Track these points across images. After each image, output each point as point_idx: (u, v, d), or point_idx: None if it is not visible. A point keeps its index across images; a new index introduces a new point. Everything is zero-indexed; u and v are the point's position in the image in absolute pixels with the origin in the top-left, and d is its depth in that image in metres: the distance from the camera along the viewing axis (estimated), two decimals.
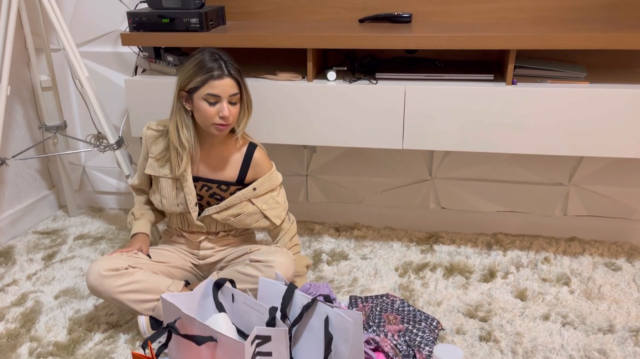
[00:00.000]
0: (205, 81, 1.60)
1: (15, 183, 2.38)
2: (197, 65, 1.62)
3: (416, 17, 2.06)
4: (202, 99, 1.62)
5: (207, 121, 1.64)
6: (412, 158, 2.26)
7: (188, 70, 1.63)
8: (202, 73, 1.60)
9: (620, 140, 1.73)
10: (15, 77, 2.32)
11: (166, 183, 1.75)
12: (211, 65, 1.60)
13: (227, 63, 1.62)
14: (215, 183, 1.76)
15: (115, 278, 1.61)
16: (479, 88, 1.75)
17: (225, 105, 1.62)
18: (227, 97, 1.61)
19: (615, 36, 1.64)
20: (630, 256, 2.09)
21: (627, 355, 1.58)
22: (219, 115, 1.62)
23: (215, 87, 1.60)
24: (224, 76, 1.60)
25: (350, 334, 1.31)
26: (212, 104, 1.62)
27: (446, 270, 2.03)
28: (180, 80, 1.65)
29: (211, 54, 1.63)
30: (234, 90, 1.62)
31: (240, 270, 1.72)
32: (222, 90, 1.60)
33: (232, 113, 1.64)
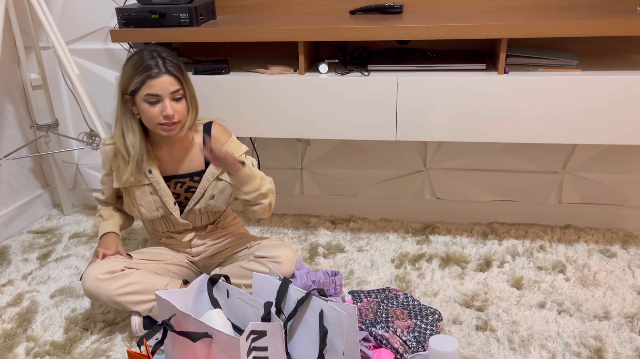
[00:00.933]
0: (143, 81, 1.55)
1: (8, 182, 2.37)
2: (134, 65, 1.57)
3: (407, 7, 2.05)
4: (143, 100, 1.57)
5: (152, 122, 1.59)
6: (406, 149, 2.26)
7: (126, 72, 1.58)
8: (139, 73, 1.55)
9: (613, 126, 1.73)
10: (5, 76, 2.31)
11: (139, 191, 1.72)
12: (148, 64, 1.55)
13: (165, 60, 1.56)
14: (187, 176, 1.74)
15: (112, 281, 1.60)
16: (471, 78, 1.74)
17: (168, 103, 1.56)
18: (167, 95, 1.56)
19: (606, 23, 1.63)
20: (625, 243, 2.10)
21: (622, 341, 1.58)
22: (162, 114, 1.57)
23: (154, 86, 1.55)
24: (161, 74, 1.55)
25: (345, 328, 1.31)
26: (153, 104, 1.57)
27: (442, 260, 2.03)
28: (121, 83, 1.60)
29: (149, 52, 1.58)
30: (174, 87, 1.57)
31: (246, 266, 1.72)
32: (162, 89, 1.55)
33: (177, 111, 1.59)
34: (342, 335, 1.32)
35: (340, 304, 1.33)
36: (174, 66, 1.58)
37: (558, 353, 1.54)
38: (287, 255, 1.70)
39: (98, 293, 1.60)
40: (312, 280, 1.69)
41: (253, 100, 1.88)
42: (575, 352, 1.55)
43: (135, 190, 1.72)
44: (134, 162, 1.66)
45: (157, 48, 1.60)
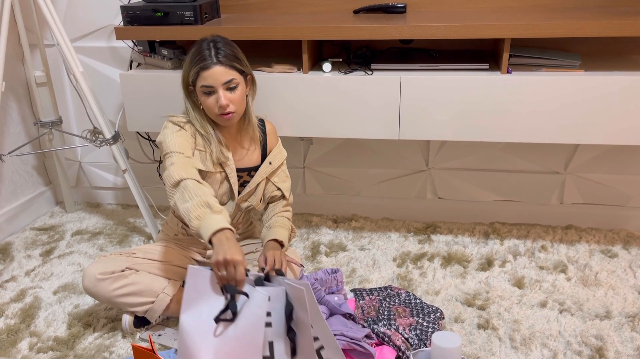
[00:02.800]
0: (197, 73, 1.57)
1: (11, 179, 2.37)
2: (190, 57, 1.60)
3: (411, 7, 2.06)
4: (200, 92, 1.60)
5: (210, 113, 1.62)
6: (409, 148, 2.26)
7: (186, 64, 1.61)
8: (194, 65, 1.58)
9: (615, 127, 1.73)
10: (10, 73, 2.31)
11: (212, 178, 1.69)
12: (202, 56, 1.57)
13: (218, 50, 1.57)
14: (245, 171, 1.75)
15: (109, 282, 1.60)
16: (474, 77, 1.75)
17: (222, 93, 1.57)
18: (220, 85, 1.57)
19: (609, 23, 1.64)
20: (626, 243, 2.10)
21: (623, 340, 1.59)
22: (217, 105, 1.59)
23: (206, 77, 1.56)
24: (212, 65, 1.56)
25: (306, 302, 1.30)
26: (208, 94, 1.59)
27: (444, 259, 2.04)
28: (183, 76, 1.63)
29: (207, 42, 1.59)
30: (227, 77, 1.57)
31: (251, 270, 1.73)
32: (214, 80, 1.56)
33: (232, 100, 1.59)
34: (305, 310, 1.30)
35: (296, 281, 1.33)
36: (226, 56, 1.57)
37: (559, 351, 1.55)
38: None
39: (95, 291, 1.60)
40: (315, 278, 1.69)
41: (256, 98, 1.89)
42: (577, 351, 1.55)
43: (208, 175, 1.68)
44: (215, 140, 1.65)
45: (215, 37, 1.61)
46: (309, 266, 2.03)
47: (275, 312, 1.35)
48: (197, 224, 1.39)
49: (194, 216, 1.40)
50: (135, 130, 2.03)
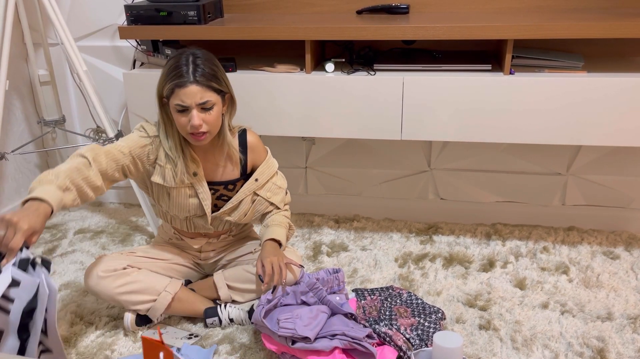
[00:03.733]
0: (172, 89, 1.49)
1: (14, 178, 2.38)
2: (169, 69, 1.51)
3: (414, 7, 2.06)
4: (174, 108, 1.52)
5: (182, 131, 1.55)
6: (411, 149, 2.27)
7: (162, 76, 1.53)
8: (170, 80, 1.49)
9: (618, 128, 1.73)
10: (14, 72, 2.32)
11: (177, 192, 1.65)
12: (178, 72, 1.48)
13: (196, 67, 1.49)
14: (222, 184, 1.70)
15: (112, 279, 1.60)
16: (477, 78, 1.75)
17: (195, 113, 1.49)
18: (195, 105, 1.49)
19: (612, 25, 1.64)
20: (628, 245, 2.10)
21: (625, 342, 1.59)
22: (189, 124, 1.51)
23: (181, 96, 1.48)
24: (188, 83, 1.47)
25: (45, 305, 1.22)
26: (181, 112, 1.51)
27: (445, 260, 2.04)
28: (157, 86, 1.56)
29: (185, 58, 1.50)
30: (203, 98, 1.49)
31: (250, 270, 1.73)
32: (189, 100, 1.48)
33: (206, 121, 1.52)
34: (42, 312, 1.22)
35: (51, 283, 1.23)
36: (204, 74, 1.49)
37: (561, 352, 1.55)
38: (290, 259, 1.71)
39: (98, 289, 1.61)
40: (316, 277, 1.70)
41: (259, 98, 1.89)
42: (578, 352, 1.55)
43: (172, 190, 1.65)
44: (181, 163, 1.61)
45: (195, 51, 1.53)
46: (310, 266, 2.03)
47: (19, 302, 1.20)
48: (32, 186, 1.33)
49: (37, 179, 1.34)
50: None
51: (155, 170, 1.64)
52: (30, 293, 1.23)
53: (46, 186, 1.31)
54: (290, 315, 1.54)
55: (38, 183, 1.33)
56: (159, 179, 1.63)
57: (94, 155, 1.47)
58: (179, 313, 1.72)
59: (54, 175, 1.36)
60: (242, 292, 1.74)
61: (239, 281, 1.74)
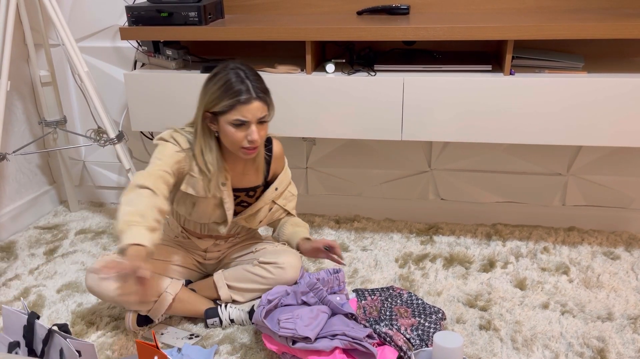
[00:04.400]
0: (232, 106, 1.50)
1: (16, 178, 2.39)
2: (222, 87, 1.52)
3: (414, 8, 2.06)
4: (229, 123, 1.53)
5: (234, 145, 1.56)
6: (411, 149, 2.27)
7: (213, 92, 1.53)
8: (229, 97, 1.50)
9: (618, 129, 1.74)
10: (15, 72, 2.33)
11: (204, 201, 1.66)
12: (238, 88, 1.50)
13: (253, 84, 1.52)
14: (243, 191, 1.72)
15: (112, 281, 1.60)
16: (477, 79, 1.75)
17: (254, 128, 1.53)
18: (255, 120, 1.53)
19: (612, 25, 1.64)
20: (628, 245, 2.10)
21: (625, 342, 1.59)
22: (247, 139, 1.54)
23: (243, 112, 1.50)
24: (253, 100, 1.50)
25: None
26: (239, 127, 1.53)
27: (446, 260, 2.04)
28: (205, 102, 1.55)
29: (236, 74, 1.52)
30: (263, 113, 1.54)
31: (250, 269, 1.73)
32: (252, 115, 1.51)
33: (261, 136, 1.56)
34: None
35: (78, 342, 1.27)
36: (263, 90, 1.54)
37: (561, 352, 1.55)
38: (291, 261, 1.72)
39: (99, 290, 1.62)
40: (317, 277, 1.70)
41: None
42: (578, 352, 1.55)
43: (200, 199, 1.65)
44: (216, 178, 1.62)
45: (242, 67, 1.54)
46: (310, 266, 2.03)
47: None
48: (120, 227, 1.36)
49: (124, 221, 1.37)
50: (139, 129, 2.04)
51: (186, 179, 1.64)
52: None
53: (136, 229, 1.35)
54: (290, 315, 1.55)
55: (126, 226, 1.35)
56: (190, 190, 1.64)
57: (153, 184, 1.48)
58: (180, 314, 1.72)
59: (139, 216, 1.38)
60: (242, 292, 1.74)
61: (239, 281, 1.74)
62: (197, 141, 1.60)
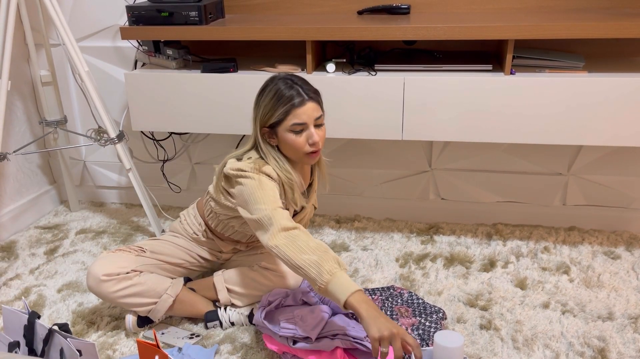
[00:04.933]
0: (287, 112, 1.50)
1: (16, 178, 2.39)
2: (274, 97, 1.52)
3: (414, 8, 2.06)
4: (288, 131, 1.52)
5: (298, 152, 1.55)
6: (412, 149, 2.27)
7: (266, 105, 1.53)
8: (282, 104, 1.50)
9: (618, 128, 1.74)
10: (15, 72, 2.33)
11: None
12: (290, 94, 1.50)
13: (303, 87, 1.52)
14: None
15: (113, 283, 1.60)
16: (478, 78, 1.75)
17: (313, 130, 1.53)
18: (312, 122, 1.52)
19: (613, 25, 1.64)
20: (629, 245, 2.10)
21: (626, 342, 1.59)
22: (308, 142, 1.53)
23: (299, 115, 1.50)
24: (306, 101, 1.51)
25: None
26: (298, 133, 1.52)
27: (446, 260, 2.04)
28: (260, 117, 1.55)
29: (284, 81, 1.53)
30: (318, 113, 1.54)
31: (249, 274, 1.72)
32: (307, 117, 1.51)
33: (321, 137, 1.55)
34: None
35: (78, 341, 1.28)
36: (314, 92, 1.54)
37: (562, 352, 1.55)
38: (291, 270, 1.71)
39: (99, 291, 1.61)
40: None
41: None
42: (579, 352, 1.55)
43: None
44: (297, 187, 1.61)
45: (287, 76, 1.56)
46: None
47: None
48: (327, 279, 1.32)
49: (326, 271, 1.32)
50: (139, 129, 2.04)
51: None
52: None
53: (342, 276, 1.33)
54: (291, 315, 1.55)
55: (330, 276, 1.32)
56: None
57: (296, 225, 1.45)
58: (180, 314, 1.72)
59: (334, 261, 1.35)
60: (241, 296, 1.73)
61: (238, 286, 1.73)
62: (269, 159, 1.57)
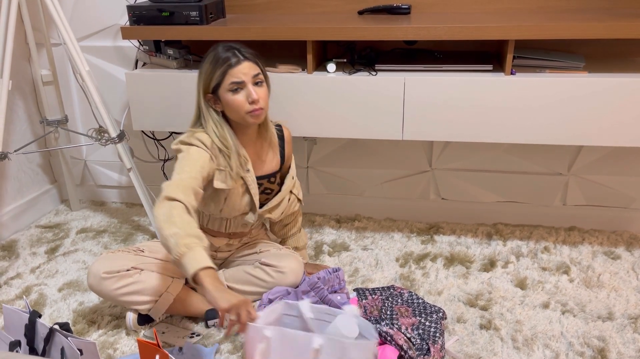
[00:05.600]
0: (224, 72, 1.57)
1: (17, 177, 2.39)
2: (212, 61, 1.59)
3: (415, 8, 2.06)
4: (227, 91, 1.58)
5: (240, 112, 1.59)
6: (412, 149, 2.27)
7: (205, 71, 1.61)
8: (219, 66, 1.57)
9: (619, 129, 1.74)
10: (16, 71, 2.33)
11: (235, 193, 1.68)
12: (226, 56, 1.58)
13: (240, 49, 1.60)
14: (265, 178, 1.75)
15: (113, 281, 1.61)
16: (478, 78, 1.76)
17: (252, 88, 1.58)
18: (250, 80, 1.58)
19: (613, 25, 1.64)
20: (629, 245, 2.10)
21: (626, 342, 1.59)
22: (248, 101, 1.58)
23: (236, 74, 1.57)
24: (242, 61, 1.57)
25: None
26: (237, 91, 1.58)
27: (447, 259, 2.04)
28: (202, 84, 1.62)
29: (222, 46, 1.61)
30: (255, 71, 1.59)
31: (250, 271, 1.73)
32: (244, 75, 1.57)
33: (260, 95, 1.60)
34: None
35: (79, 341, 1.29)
36: (250, 53, 1.61)
37: (562, 352, 1.55)
38: (292, 266, 1.72)
39: (99, 289, 1.62)
40: (317, 277, 1.70)
41: None
42: (579, 352, 1.56)
43: (232, 192, 1.68)
44: (235, 154, 1.64)
45: (228, 42, 1.63)
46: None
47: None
48: (183, 251, 1.35)
49: (184, 244, 1.36)
50: (140, 129, 2.04)
51: (215, 176, 1.65)
52: None
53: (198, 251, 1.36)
54: None
55: (187, 249, 1.35)
56: (221, 184, 1.65)
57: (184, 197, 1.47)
58: (181, 313, 1.73)
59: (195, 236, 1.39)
60: (242, 294, 1.74)
61: (238, 283, 1.74)
62: (208, 124, 1.63)
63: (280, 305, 1.50)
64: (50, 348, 1.37)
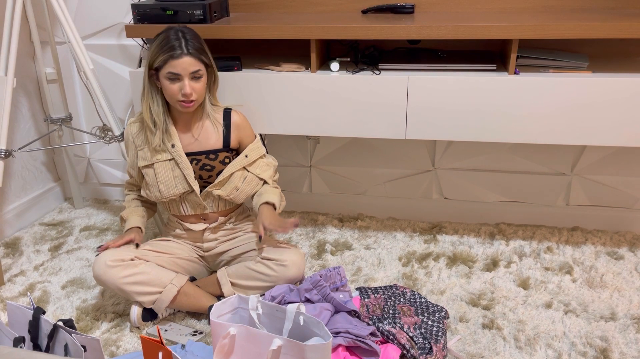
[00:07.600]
0: (165, 60, 1.63)
1: (21, 175, 2.40)
2: (160, 44, 1.66)
3: (419, 7, 2.06)
4: (165, 77, 1.66)
5: (172, 98, 1.68)
6: (415, 148, 2.27)
7: (153, 50, 1.67)
8: (163, 52, 1.64)
9: (622, 129, 1.73)
10: (21, 70, 2.34)
11: (161, 166, 1.76)
12: (172, 44, 1.63)
13: (187, 42, 1.65)
14: (203, 154, 1.78)
15: (120, 269, 1.63)
16: (482, 78, 1.75)
17: (187, 82, 1.65)
18: (187, 74, 1.65)
19: (617, 25, 1.64)
20: (632, 246, 2.10)
21: (628, 342, 1.59)
22: (181, 92, 1.66)
23: (175, 66, 1.63)
24: (183, 55, 1.63)
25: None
26: (172, 81, 1.65)
27: (449, 259, 2.04)
28: (148, 59, 1.69)
29: (175, 32, 1.66)
30: (194, 68, 1.65)
31: (252, 267, 1.73)
32: (182, 69, 1.63)
33: (195, 90, 1.67)
34: None
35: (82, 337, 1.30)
36: (196, 48, 1.66)
37: (564, 352, 1.55)
38: (294, 259, 1.72)
39: (105, 278, 1.63)
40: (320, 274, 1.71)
41: (264, 97, 1.90)
42: (581, 352, 1.55)
43: (157, 166, 1.76)
44: (161, 131, 1.74)
45: (182, 28, 1.69)
46: (314, 264, 2.04)
47: None
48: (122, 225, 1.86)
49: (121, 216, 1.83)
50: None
51: (138, 156, 1.79)
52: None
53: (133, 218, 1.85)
54: None
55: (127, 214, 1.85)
56: (142, 162, 1.77)
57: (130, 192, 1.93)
58: (184, 308, 1.73)
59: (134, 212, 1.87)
60: (245, 289, 1.75)
61: (242, 278, 1.75)
62: (144, 98, 1.74)
63: (236, 298, 1.53)
64: (54, 344, 1.38)
